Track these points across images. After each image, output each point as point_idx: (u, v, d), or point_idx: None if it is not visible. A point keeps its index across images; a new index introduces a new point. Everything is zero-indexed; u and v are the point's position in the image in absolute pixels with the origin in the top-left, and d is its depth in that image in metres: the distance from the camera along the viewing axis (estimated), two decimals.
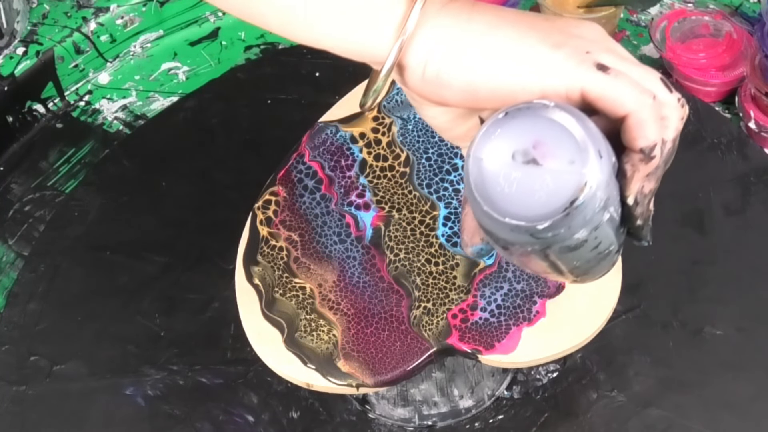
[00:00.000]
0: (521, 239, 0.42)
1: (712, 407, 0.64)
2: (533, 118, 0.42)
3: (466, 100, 0.45)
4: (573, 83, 0.43)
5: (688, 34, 0.82)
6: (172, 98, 0.86)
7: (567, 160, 0.41)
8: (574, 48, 0.43)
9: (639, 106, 0.43)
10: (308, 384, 0.59)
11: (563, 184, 0.41)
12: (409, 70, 0.45)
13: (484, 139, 0.42)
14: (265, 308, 0.61)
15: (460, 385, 0.66)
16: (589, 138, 0.41)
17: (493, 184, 0.42)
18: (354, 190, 0.64)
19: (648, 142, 0.43)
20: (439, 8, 0.45)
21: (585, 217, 0.41)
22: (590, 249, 0.44)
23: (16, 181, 0.82)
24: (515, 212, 0.41)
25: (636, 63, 0.45)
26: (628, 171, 0.44)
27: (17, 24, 0.88)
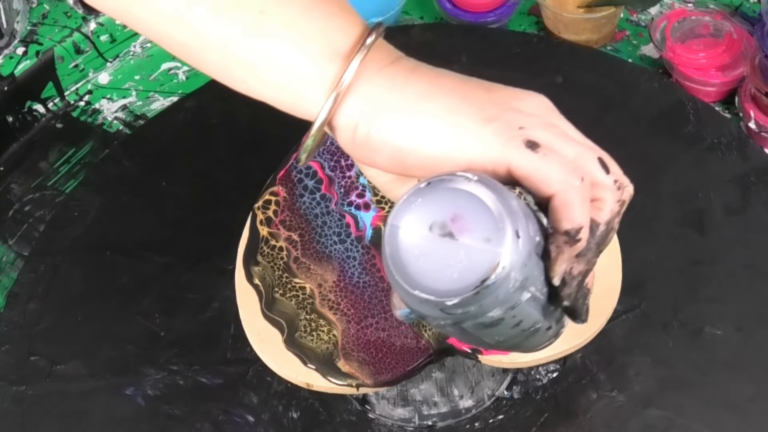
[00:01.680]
0: (432, 313, 0.42)
1: (712, 407, 0.64)
2: (454, 191, 0.41)
3: (395, 166, 0.44)
4: (500, 160, 0.42)
5: (688, 34, 0.82)
6: (172, 98, 0.86)
7: (483, 237, 0.40)
8: (506, 123, 0.42)
9: (564, 187, 0.42)
10: (308, 384, 0.59)
11: (476, 262, 0.40)
12: (339, 130, 0.44)
13: (403, 208, 0.41)
14: (265, 308, 0.61)
15: (460, 385, 0.66)
16: (507, 216, 0.40)
17: (407, 254, 0.41)
18: (354, 190, 0.64)
19: (572, 224, 0.42)
20: (377, 70, 0.44)
21: (497, 296, 0.40)
22: (510, 326, 0.43)
23: (16, 181, 0.82)
24: (425, 286, 0.40)
25: (575, 141, 0.44)
26: (552, 252, 0.43)
27: (17, 24, 0.88)
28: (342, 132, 0.44)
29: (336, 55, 0.43)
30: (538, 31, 0.89)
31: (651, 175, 0.74)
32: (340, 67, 0.43)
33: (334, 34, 0.44)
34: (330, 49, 0.44)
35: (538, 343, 0.48)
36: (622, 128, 0.77)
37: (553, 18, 0.85)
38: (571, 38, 0.85)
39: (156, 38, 0.47)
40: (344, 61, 0.43)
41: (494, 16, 0.87)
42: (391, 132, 0.43)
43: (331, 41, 0.44)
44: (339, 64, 0.43)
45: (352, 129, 0.44)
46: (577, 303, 0.46)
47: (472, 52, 0.83)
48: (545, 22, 0.87)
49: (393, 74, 0.44)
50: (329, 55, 0.43)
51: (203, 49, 0.45)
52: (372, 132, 0.43)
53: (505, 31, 0.87)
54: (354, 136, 0.44)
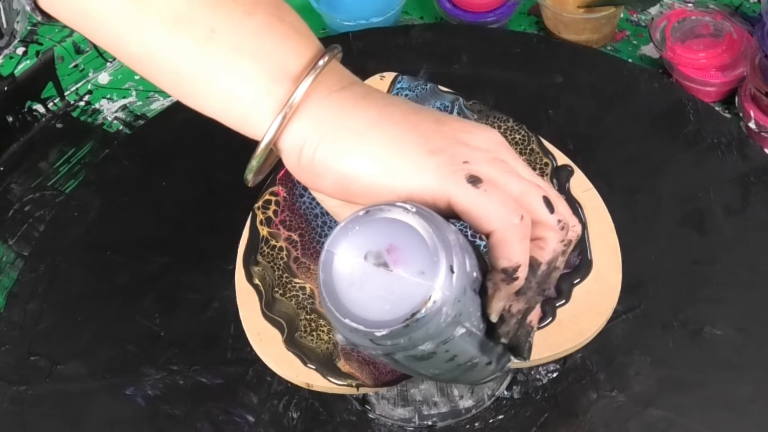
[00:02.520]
0: (362, 342, 0.41)
1: (712, 407, 0.64)
2: (391, 221, 0.41)
3: (338, 192, 0.44)
4: (440, 193, 0.42)
5: (688, 34, 0.82)
6: (172, 98, 0.86)
7: (417, 269, 0.40)
8: (450, 156, 0.42)
9: (502, 225, 0.42)
10: (308, 384, 0.59)
11: (408, 295, 0.40)
12: (285, 152, 0.44)
13: (340, 235, 0.41)
14: (265, 308, 0.61)
15: (460, 385, 0.66)
16: (443, 250, 0.40)
17: (341, 282, 0.41)
18: None
19: (510, 263, 0.42)
20: (327, 94, 0.44)
21: (428, 330, 0.40)
22: (445, 360, 0.43)
23: (16, 181, 0.82)
24: (356, 315, 0.40)
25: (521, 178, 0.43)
26: (489, 289, 0.43)
27: (17, 24, 0.88)
28: (287, 154, 0.44)
29: (285, 76, 0.44)
30: (538, 31, 0.89)
31: (651, 175, 0.74)
32: (289, 89, 0.43)
33: (285, 56, 0.44)
34: (280, 71, 0.44)
35: (479, 377, 0.48)
36: (622, 128, 0.77)
37: (553, 18, 0.85)
38: (571, 38, 0.85)
39: (109, 49, 0.47)
40: (293, 83, 0.43)
41: (494, 16, 0.87)
42: (335, 158, 0.43)
43: (281, 63, 0.44)
44: (288, 86, 0.43)
45: (297, 152, 0.44)
46: (518, 341, 0.46)
47: (472, 52, 0.83)
48: (545, 22, 0.87)
49: (343, 100, 0.44)
50: (279, 77, 0.44)
51: (154, 63, 0.45)
52: (316, 156, 0.43)
53: (505, 31, 0.87)
54: (299, 159, 0.44)
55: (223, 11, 0.44)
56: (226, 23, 0.44)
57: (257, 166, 0.45)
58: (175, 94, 0.47)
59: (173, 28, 0.44)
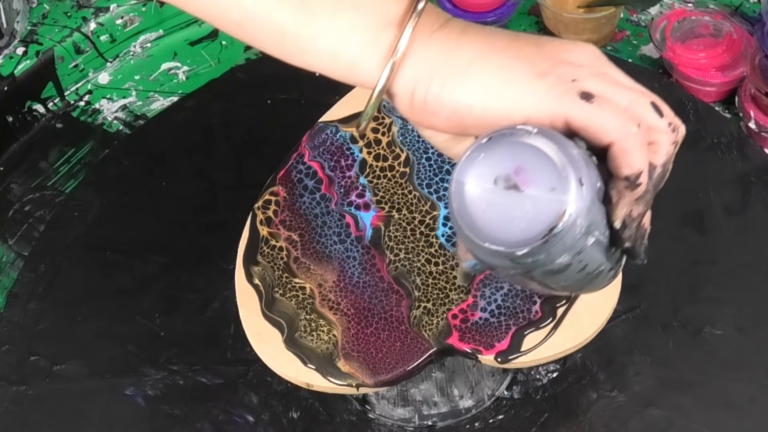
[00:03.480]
0: (502, 263, 0.43)
1: (712, 407, 0.64)
2: (515, 144, 0.42)
3: (453, 127, 0.45)
4: (556, 113, 0.43)
5: (688, 34, 0.82)
6: (172, 98, 0.86)
7: (547, 187, 0.41)
8: (558, 77, 0.43)
9: (622, 134, 0.43)
10: (308, 384, 0.59)
11: (543, 212, 0.41)
12: (397, 96, 0.45)
13: (467, 164, 0.42)
14: (265, 308, 0.61)
15: (460, 385, 0.66)
16: (570, 165, 0.41)
17: (475, 208, 0.42)
18: (354, 190, 0.64)
19: (632, 170, 0.43)
20: (429, 35, 0.45)
21: (565, 243, 0.41)
22: (577, 271, 0.44)
23: (16, 181, 0.82)
24: (494, 237, 0.41)
25: (627, 87, 0.45)
26: (613, 197, 0.44)
27: (17, 24, 0.88)
28: (400, 98, 0.45)
29: (389, 23, 0.45)
30: (538, 31, 0.89)
31: None
32: (394, 35, 0.44)
33: (386, 3, 0.45)
34: (383, 19, 0.45)
35: (600, 284, 0.49)
36: None
37: (553, 18, 0.85)
38: (571, 38, 0.85)
39: (209, 18, 0.48)
40: (398, 29, 0.44)
41: (494, 16, 0.87)
42: (447, 94, 0.44)
43: (383, 10, 0.45)
44: (393, 32, 0.44)
45: (410, 94, 0.45)
46: (635, 243, 0.47)
47: None
48: (545, 22, 0.87)
49: (445, 37, 0.45)
50: (383, 25, 0.45)
51: (257, 26, 0.46)
52: (429, 96, 0.44)
53: None
54: (412, 101, 0.45)
55: None
56: None
57: (372, 113, 0.46)
58: (280, 55, 0.47)
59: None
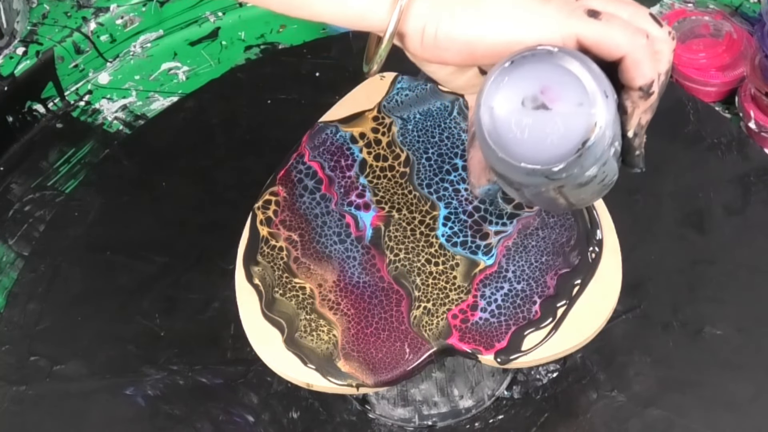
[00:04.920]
0: (536, 181, 0.44)
1: (712, 407, 0.64)
2: (538, 64, 0.43)
3: (464, 59, 0.46)
4: (567, 32, 0.44)
5: (688, 34, 0.82)
6: (172, 98, 0.86)
7: (575, 102, 0.42)
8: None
9: (634, 47, 0.44)
10: (308, 384, 0.59)
11: (574, 126, 0.42)
12: (408, 36, 0.46)
13: (493, 88, 0.43)
14: (265, 308, 0.61)
15: (460, 385, 0.66)
16: (594, 80, 0.42)
17: (506, 131, 0.43)
18: (354, 190, 0.64)
19: (646, 80, 0.45)
20: None
21: (596, 155, 0.43)
22: (598, 182, 0.46)
23: (16, 181, 0.82)
24: (530, 157, 0.43)
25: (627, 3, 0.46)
26: (628, 107, 0.46)
27: (17, 24, 0.88)
28: (410, 37, 0.46)
29: None
30: None
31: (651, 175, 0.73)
32: None
33: None
34: None
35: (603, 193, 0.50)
36: None
37: None
38: None
39: None
40: None
41: None
42: (456, 28, 0.45)
43: None
44: None
45: (420, 33, 0.46)
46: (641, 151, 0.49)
47: None
48: None
49: None
50: None
51: None
52: (439, 31, 0.45)
53: None
54: (422, 40, 0.46)
55: None
56: None
57: (384, 55, 0.47)
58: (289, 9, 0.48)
59: None
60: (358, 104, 0.66)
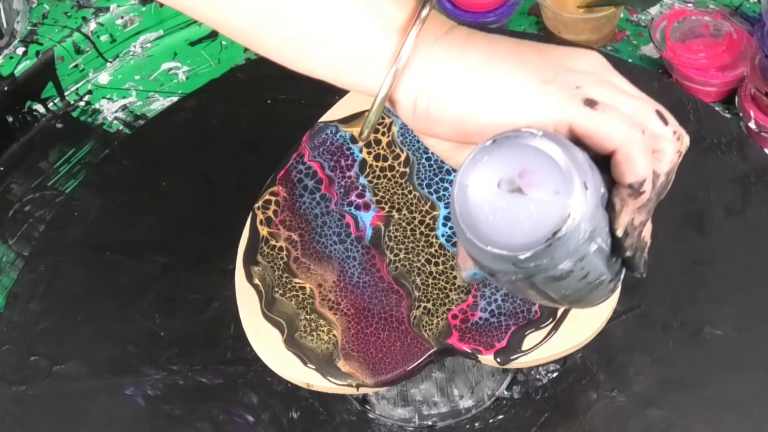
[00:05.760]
0: (504, 268, 0.42)
1: (712, 407, 0.64)
2: (520, 146, 0.41)
3: (456, 135, 0.45)
4: (560, 119, 0.43)
5: (688, 34, 0.82)
6: (172, 98, 0.86)
7: (552, 190, 0.41)
8: (563, 83, 0.43)
9: (626, 141, 0.42)
10: (308, 384, 0.59)
11: (547, 215, 0.41)
12: (400, 104, 0.45)
13: (470, 166, 0.42)
14: (265, 308, 0.61)
15: (460, 385, 0.66)
16: (575, 169, 0.41)
17: (478, 211, 0.42)
18: (354, 190, 0.64)
19: (636, 177, 0.43)
20: (432, 42, 0.44)
21: (568, 248, 0.41)
22: (578, 279, 0.44)
23: (16, 181, 0.82)
24: (497, 241, 0.41)
25: (632, 95, 0.45)
26: (617, 204, 0.44)
27: (17, 24, 0.88)
28: (402, 106, 0.45)
29: (393, 30, 0.44)
30: (538, 31, 0.89)
31: None
32: (398, 41, 0.44)
33: (390, 9, 0.45)
34: (387, 25, 0.44)
35: (600, 296, 0.49)
36: None
37: (553, 18, 0.85)
38: (571, 38, 0.85)
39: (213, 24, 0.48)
40: (401, 36, 0.44)
41: (494, 16, 0.87)
42: (450, 102, 0.44)
43: (388, 17, 0.45)
44: (396, 38, 0.44)
45: (413, 102, 0.45)
46: (636, 254, 0.47)
47: None
48: (545, 22, 0.87)
49: (449, 44, 0.45)
50: (386, 31, 0.44)
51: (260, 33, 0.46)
52: (432, 104, 0.44)
53: (505, 31, 0.87)
54: (415, 109, 0.45)
55: None
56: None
57: (375, 120, 0.46)
58: (283, 61, 0.47)
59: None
60: (358, 104, 0.66)
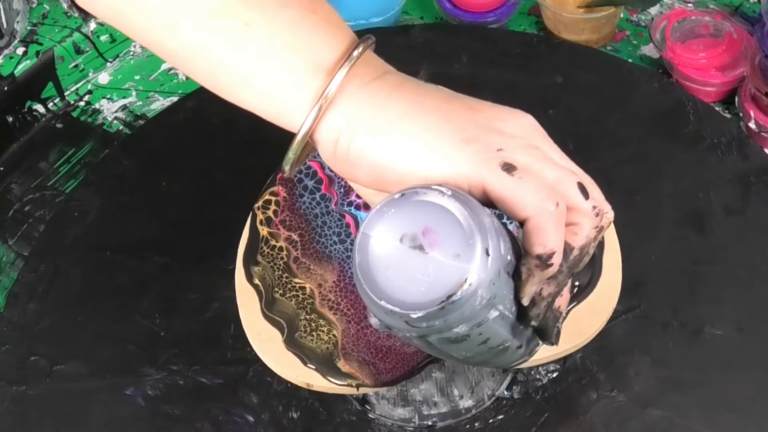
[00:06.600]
0: (397, 324, 0.42)
1: (712, 407, 0.64)
2: (427, 204, 0.41)
3: (373, 182, 0.45)
4: (475, 180, 0.42)
5: (688, 34, 0.82)
6: (172, 98, 0.86)
7: (452, 252, 0.40)
8: (485, 144, 0.43)
9: (538, 211, 0.42)
10: (308, 384, 0.59)
11: (444, 277, 0.40)
12: (320, 144, 0.45)
13: (375, 218, 0.42)
14: (265, 308, 0.61)
15: (460, 385, 0.66)
16: (478, 233, 0.40)
17: (376, 264, 0.41)
18: (354, 190, 0.64)
19: (544, 249, 0.43)
20: (360, 86, 0.44)
21: (463, 313, 0.40)
22: (477, 344, 0.43)
23: (16, 181, 0.82)
24: (391, 297, 0.41)
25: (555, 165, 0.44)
26: (523, 274, 0.43)
27: (17, 24, 0.88)
28: (323, 146, 0.45)
29: (320, 69, 0.44)
30: (538, 31, 0.89)
31: (651, 175, 0.74)
32: (324, 81, 0.44)
33: (320, 48, 0.45)
34: (314, 64, 0.44)
35: (509, 360, 0.48)
36: (622, 128, 0.77)
37: (553, 18, 0.85)
38: (571, 38, 0.85)
39: (147, 45, 0.48)
40: (327, 76, 0.44)
41: (494, 16, 0.87)
42: (369, 149, 0.43)
43: (316, 56, 0.44)
44: (322, 78, 0.44)
45: (333, 143, 0.44)
46: (546, 324, 0.46)
47: (472, 52, 0.83)
48: (545, 22, 0.87)
49: (377, 90, 0.44)
50: (313, 70, 0.44)
51: (190, 59, 0.46)
52: (351, 148, 0.44)
53: (505, 31, 0.87)
54: (335, 151, 0.44)
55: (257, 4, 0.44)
56: (260, 17, 0.44)
57: (294, 158, 0.46)
58: (213, 89, 0.47)
59: (208, 23, 0.45)
60: None
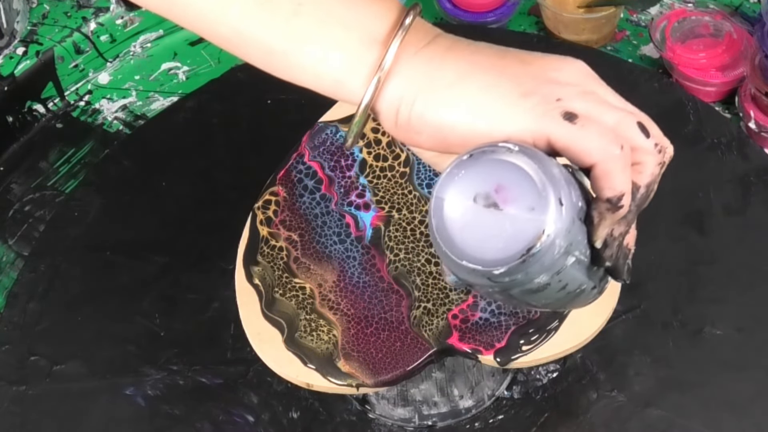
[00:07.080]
0: (480, 282, 0.42)
1: (712, 407, 0.64)
2: (496, 162, 0.41)
3: (437, 145, 0.45)
4: (539, 133, 0.42)
5: (688, 34, 0.82)
6: (172, 98, 0.86)
7: (527, 206, 0.41)
8: (543, 96, 0.43)
9: (605, 156, 0.42)
10: (308, 384, 0.59)
11: (521, 231, 0.40)
12: (382, 114, 0.45)
13: (447, 180, 0.42)
14: (265, 308, 0.61)
15: (460, 385, 0.66)
16: (550, 185, 0.41)
17: (453, 226, 0.42)
18: (354, 190, 0.64)
19: (614, 192, 0.43)
20: (414, 53, 0.45)
21: (543, 263, 0.41)
22: (557, 290, 0.44)
23: (16, 181, 0.82)
24: (472, 256, 0.41)
25: (614, 107, 0.44)
26: (594, 218, 0.44)
27: (17, 24, 0.88)
28: (384, 115, 0.45)
29: (374, 41, 0.45)
30: (538, 31, 0.89)
31: None
32: (380, 52, 0.44)
33: (372, 20, 0.45)
34: (368, 36, 0.45)
35: (584, 302, 0.49)
36: None
37: (553, 18, 0.85)
38: (571, 38, 0.85)
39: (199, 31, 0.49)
40: (383, 47, 0.44)
41: (494, 16, 0.87)
42: (430, 113, 0.44)
43: (369, 28, 0.45)
44: (378, 49, 0.44)
45: (394, 112, 0.45)
46: (618, 262, 0.47)
47: None
48: (545, 22, 0.87)
49: (431, 55, 0.45)
50: (368, 42, 0.45)
51: (245, 42, 0.47)
52: (413, 114, 0.44)
53: (505, 31, 0.87)
54: (396, 119, 0.45)
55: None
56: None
57: (357, 130, 0.46)
58: (268, 69, 0.48)
59: (260, 6, 0.45)
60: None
